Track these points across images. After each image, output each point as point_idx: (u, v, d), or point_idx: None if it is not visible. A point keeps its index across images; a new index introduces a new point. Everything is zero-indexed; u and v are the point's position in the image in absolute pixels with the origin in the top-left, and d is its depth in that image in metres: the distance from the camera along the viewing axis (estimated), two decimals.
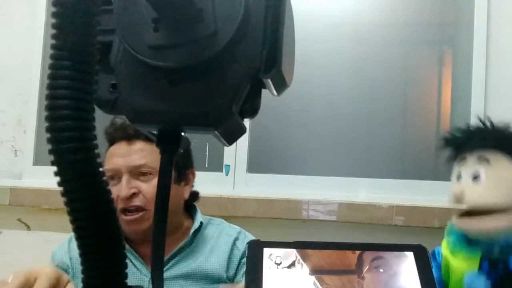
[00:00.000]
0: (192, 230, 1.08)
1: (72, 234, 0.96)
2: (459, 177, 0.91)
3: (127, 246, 1.02)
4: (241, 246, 1.09)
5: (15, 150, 1.79)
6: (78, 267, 1.04)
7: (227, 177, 1.62)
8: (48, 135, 0.24)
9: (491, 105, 1.48)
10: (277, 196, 1.49)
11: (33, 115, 1.78)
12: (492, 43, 1.49)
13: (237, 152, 1.62)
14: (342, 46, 1.65)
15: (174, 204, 1.05)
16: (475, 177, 0.87)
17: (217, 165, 1.62)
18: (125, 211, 1.00)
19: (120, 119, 1.03)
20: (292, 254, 0.45)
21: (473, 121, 0.96)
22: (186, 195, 1.10)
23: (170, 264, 1.05)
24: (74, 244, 0.99)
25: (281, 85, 0.29)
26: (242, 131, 0.30)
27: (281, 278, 0.44)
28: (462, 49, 1.57)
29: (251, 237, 1.13)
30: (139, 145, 1.03)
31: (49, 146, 0.25)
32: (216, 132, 0.28)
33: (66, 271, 1.05)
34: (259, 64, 0.27)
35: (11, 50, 1.82)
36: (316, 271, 0.45)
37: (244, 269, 1.04)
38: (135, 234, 1.02)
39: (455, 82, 1.59)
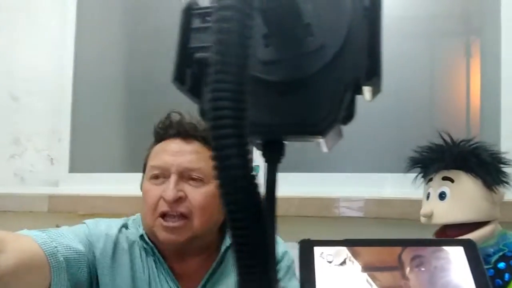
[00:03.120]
0: (223, 247, 0.94)
1: (123, 223, 0.97)
2: (428, 196, 1.01)
3: (159, 262, 0.91)
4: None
5: (51, 159, 1.85)
6: (92, 258, 0.87)
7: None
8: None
9: None
10: (308, 195, 1.50)
11: (67, 123, 1.83)
12: None
13: None
14: None
15: (216, 223, 0.92)
16: (441, 196, 0.98)
17: None
18: (166, 216, 0.86)
19: (176, 116, 0.93)
20: (342, 252, 0.47)
21: (436, 139, 1.04)
22: None
23: None
24: (124, 236, 0.92)
25: (377, 90, 0.30)
26: (340, 136, 0.31)
27: (334, 275, 0.45)
28: (490, 39, 1.55)
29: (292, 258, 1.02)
30: (195, 146, 0.90)
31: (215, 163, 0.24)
32: (320, 139, 0.29)
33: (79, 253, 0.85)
34: (362, 73, 0.28)
35: (43, 60, 1.86)
36: (367, 268, 0.46)
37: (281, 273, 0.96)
38: (172, 244, 0.88)
39: (484, 74, 1.57)
